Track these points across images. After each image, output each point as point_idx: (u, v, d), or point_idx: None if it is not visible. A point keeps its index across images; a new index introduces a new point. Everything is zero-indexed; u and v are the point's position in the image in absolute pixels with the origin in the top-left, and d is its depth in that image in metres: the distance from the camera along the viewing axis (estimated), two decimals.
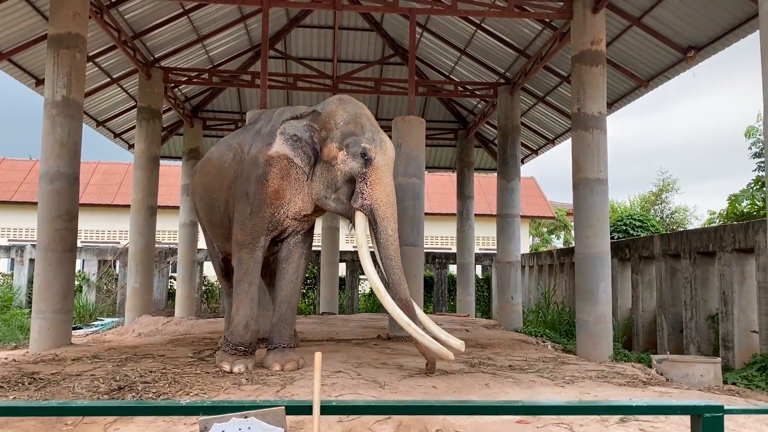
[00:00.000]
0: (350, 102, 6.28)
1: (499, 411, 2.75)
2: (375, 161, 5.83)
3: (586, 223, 8.97)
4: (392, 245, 5.83)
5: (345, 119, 6.05)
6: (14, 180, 24.39)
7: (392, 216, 5.85)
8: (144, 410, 2.80)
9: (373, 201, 5.80)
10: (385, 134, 6.14)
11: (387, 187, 5.88)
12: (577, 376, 6.29)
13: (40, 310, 8.28)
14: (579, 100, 9.18)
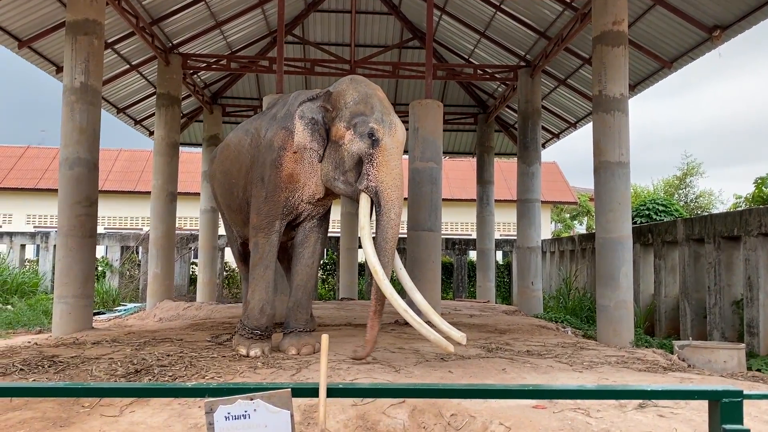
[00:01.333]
0: (362, 82, 6.15)
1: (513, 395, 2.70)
2: (382, 142, 5.68)
3: (607, 208, 8.82)
4: (392, 229, 5.66)
5: (355, 99, 5.92)
6: (39, 168, 24.75)
7: (397, 200, 5.69)
8: (151, 392, 2.80)
9: (378, 183, 5.65)
10: (397, 117, 5.98)
11: (394, 170, 5.72)
12: (595, 362, 6.20)
13: (62, 295, 8.38)
14: (600, 81, 8.99)
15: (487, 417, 4.31)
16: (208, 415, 2.36)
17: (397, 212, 5.70)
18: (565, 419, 4.24)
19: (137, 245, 18.36)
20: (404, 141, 5.95)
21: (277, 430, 2.38)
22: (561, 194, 26.15)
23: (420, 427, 4.35)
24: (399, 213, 5.72)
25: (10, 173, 24.28)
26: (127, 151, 26.67)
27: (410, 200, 9.51)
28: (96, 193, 8.73)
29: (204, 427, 4.06)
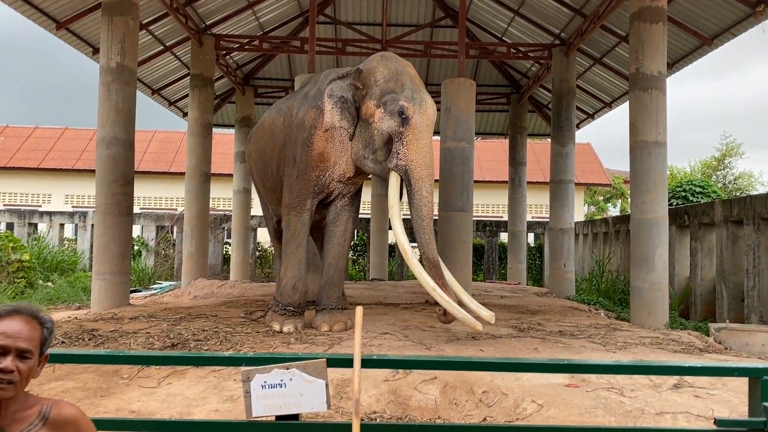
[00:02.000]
0: (392, 59, 6.07)
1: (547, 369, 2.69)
2: (412, 120, 5.62)
3: (643, 188, 8.66)
4: (426, 206, 5.63)
5: (385, 76, 5.86)
6: (77, 148, 25.25)
7: (428, 178, 5.64)
8: (189, 360, 2.86)
9: (408, 161, 5.61)
10: (428, 94, 5.90)
11: (424, 148, 5.66)
12: (629, 343, 6.14)
13: (100, 271, 8.59)
14: (638, 59, 8.79)
15: (519, 394, 4.31)
16: (245, 384, 2.41)
17: (429, 190, 5.65)
18: (598, 398, 4.21)
19: (172, 225, 18.67)
20: (435, 119, 5.89)
21: (312, 399, 2.42)
22: (595, 176, 25.75)
23: (451, 404, 4.37)
24: (431, 191, 5.68)
25: (48, 154, 24.84)
26: (162, 132, 27.02)
27: (441, 180, 9.47)
28: (132, 172, 8.89)
29: (239, 399, 4.15)
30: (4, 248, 12.80)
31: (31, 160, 24.38)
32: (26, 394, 1.81)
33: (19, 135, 26.04)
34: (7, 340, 1.73)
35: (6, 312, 1.78)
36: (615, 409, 4.02)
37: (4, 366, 1.70)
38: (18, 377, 1.72)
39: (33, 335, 1.78)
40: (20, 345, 1.74)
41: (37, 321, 1.81)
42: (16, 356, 1.73)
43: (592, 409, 4.03)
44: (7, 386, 1.71)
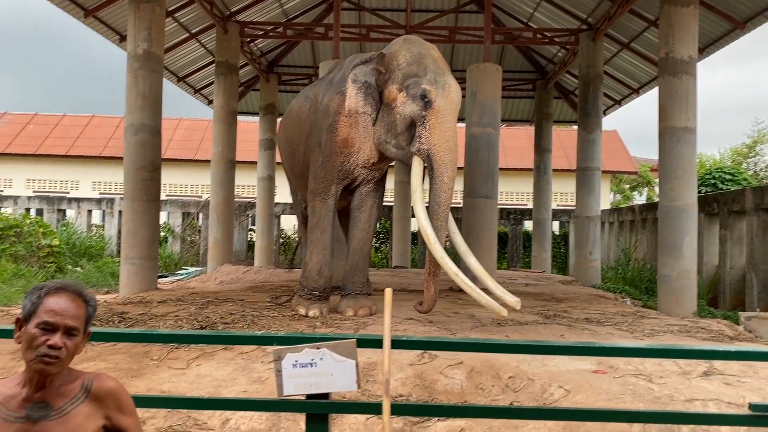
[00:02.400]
0: (415, 42, 5.99)
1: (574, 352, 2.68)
2: (435, 104, 5.54)
3: (671, 175, 8.53)
4: (445, 193, 5.55)
5: (408, 60, 5.78)
6: (104, 136, 25.57)
7: (450, 163, 5.55)
8: (221, 339, 2.89)
9: (431, 146, 5.53)
10: (453, 77, 5.80)
11: (447, 132, 5.57)
12: (657, 330, 6.08)
13: (128, 256, 8.72)
14: (668, 43, 8.63)
15: (545, 380, 4.29)
16: (277, 362, 2.43)
17: (450, 176, 5.57)
18: (626, 384, 4.18)
19: (198, 212, 18.86)
20: (459, 102, 5.79)
21: (342, 378, 2.43)
22: (621, 163, 25.41)
23: (477, 388, 4.37)
24: (452, 177, 5.60)
25: (76, 141, 25.20)
26: (187, 120, 27.23)
27: (466, 167, 9.42)
28: (159, 159, 8.98)
29: (267, 381, 4.20)
30: (35, 234, 13.05)
31: (59, 148, 24.76)
32: (69, 369, 1.85)
33: (48, 123, 26.44)
34: (56, 318, 1.76)
35: (53, 289, 1.81)
36: (643, 396, 3.98)
37: (53, 342, 1.74)
38: (65, 354, 1.76)
39: (79, 313, 1.81)
40: (68, 323, 1.77)
41: (82, 299, 1.84)
42: (64, 333, 1.76)
43: (620, 395, 4.00)
44: (55, 362, 1.74)
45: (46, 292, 1.80)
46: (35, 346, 1.74)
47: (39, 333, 1.75)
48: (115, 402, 1.87)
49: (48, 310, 1.77)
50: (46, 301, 1.78)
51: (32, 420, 1.75)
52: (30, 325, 1.76)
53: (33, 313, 1.77)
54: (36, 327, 1.75)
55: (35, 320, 1.76)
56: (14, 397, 1.77)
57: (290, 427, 3.64)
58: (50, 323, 1.75)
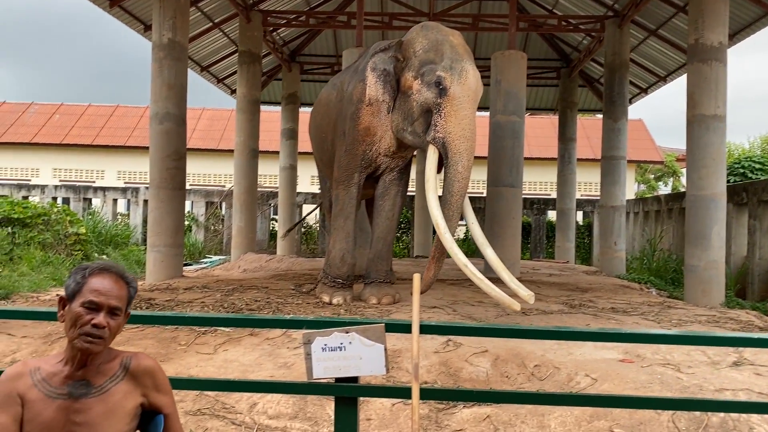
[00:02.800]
0: (433, 28, 5.90)
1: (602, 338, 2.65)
2: (450, 91, 5.44)
3: (699, 163, 8.39)
4: (459, 182, 5.45)
5: (424, 47, 5.71)
6: (128, 125, 25.85)
7: (466, 152, 5.42)
8: (252, 323, 2.91)
9: (446, 134, 5.43)
10: (471, 63, 5.64)
11: (463, 120, 5.45)
12: (684, 320, 6.01)
13: (154, 244, 8.82)
14: (697, 29, 8.45)
15: (572, 369, 4.27)
16: (306, 346, 2.44)
17: (465, 165, 5.45)
18: (653, 373, 4.14)
19: (221, 201, 19.01)
20: (478, 88, 5.65)
21: (371, 362, 2.44)
22: (646, 153, 25.06)
23: (503, 376, 4.36)
24: (467, 166, 5.48)
25: (101, 131, 25.51)
26: (210, 110, 27.41)
27: (490, 155, 9.35)
28: (184, 147, 9.05)
29: (293, 366, 4.23)
30: (63, 222, 13.24)
31: (84, 137, 25.09)
32: (108, 348, 1.88)
33: (73, 113, 26.78)
34: (101, 297, 1.79)
35: (97, 269, 1.84)
36: (672, 385, 3.94)
37: (97, 321, 1.77)
38: (108, 333, 1.79)
39: (122, 293, 1.84)
40: (112, 302, 1.81)
41: (124, 280, 1.87)
42: (108, 313, 1.80)
43: (647, 384, 3.96)
44: (98, 341, 1.78)
45: (90, 272, 1.83)
46: (80, 324, 1.78)
47: (84, 312, 1.78)
48: (152, 380, 1.90)
49: (92, 289, 1.80)
50: (90, 281, 1.82)
51: (74, 397, 1.78)
52: (74, 304, 1.80)
53: (77, 293, 1.81)
54: (81, 306, 1.79)
55: (80, 299, 1.80)
56: (56, 374, 1.81)
57: (316, 412, 3.67)
58: (95, 302, 1.79)
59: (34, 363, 1.85)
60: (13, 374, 1.80)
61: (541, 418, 3.61)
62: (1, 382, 1.79)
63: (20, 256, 11.45)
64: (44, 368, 1.82)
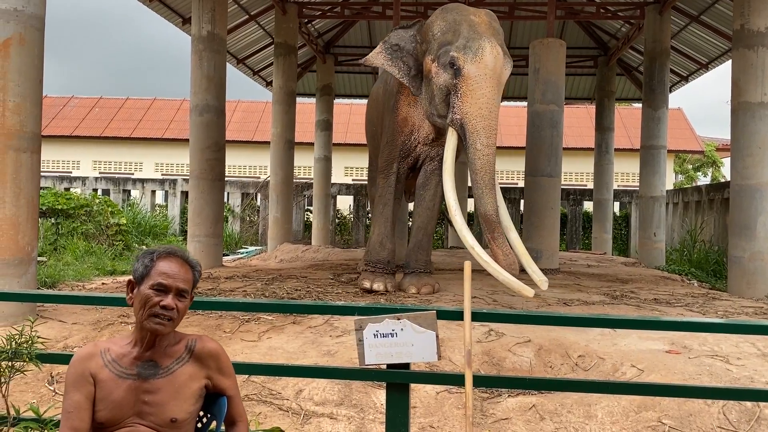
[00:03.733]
0: (453, 9, 5.79)
1: (655, 326, 2.62)
2: (464, 70, 5.34)
3: (745, 152, 8.17)
4: (480, 159, 5.31)
5: (442, 29, 5.66)
6: (165, 118, 26.26)
7: (483, 130, 5.29)
8: (304, 308, 2.95)
9: (463, 115, 5.35)
10: (491, 40, 5.45)
11: (480, 99, 5.31)
12: (731, 312, 5.89)
13: (194, 234, 8.96)
14: (743, 14, 8.22)
15: (617, 359, 4.23)
16: (358, 332, 2.46)
17: (484, 143, 5.31)
18: (702, 365, 4.08)
19: (256, 192, 19.22)
20: (496, 65, 5.43)
21: (422, 349, 2.45)
22: (686, 142, 24.53)
23: (546, 366, 4.34)
24: (487, 143, 5.32)
25: (139, 124, 25.97)
26: (245, 102, 27.65)
27: (529, 145, 9.27)
28: (223, 139, 9.17)
29: (336, 354, 4.27)
30: (104, 213, 13.54)
31: (123, 130, 25.58)
32: (174, 331, 1.93)
33: (112, 106, 27.30)
34: (169, 280, 1.85)
35: (164, 253, 1.90)
36: (721, 377, 3.88)
37: (166, 303, 1.83)
38: (176, 314, 1.84)
39: (188, 276, 1.90)
40: (179, 285, 1.86)
41: (189, 264, 1.92)
42: (176, 295, 1.85)
43: (696, 375, 3.90)
44: (167, 322, 1.83)
45: (158, 256, 1.89)
46: (149, 306, 1.83)
47: (153, 294, 1.84)
48: (216, 363, 1.94)
49: (161, 272, 1.86)
50: (158, 265, 1.87)
51: (143, 377, 1.84)
52: (143, 286, 1.86)
53: (146, 276, 1.87)
54: (150, 288, 1.85)
55: (149, 282, 1.85)
56: (126, 355, 1.87)
57: (362, 399, 3.70)
58: (163, 285, 1.84)
59: (104, 344, 1.91)
60: (85, 355, 1.87)
61: (588, 408, 3.58)
62: (74, 363, 1.86)
63: (64, 246, 11.75)
64: (114, 349, 1.88)
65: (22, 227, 4.94)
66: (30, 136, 4.98)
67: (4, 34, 4.82)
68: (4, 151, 4.82)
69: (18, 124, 4.87)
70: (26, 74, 4.93)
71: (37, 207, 5.16)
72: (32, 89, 5.00)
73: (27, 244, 5.00)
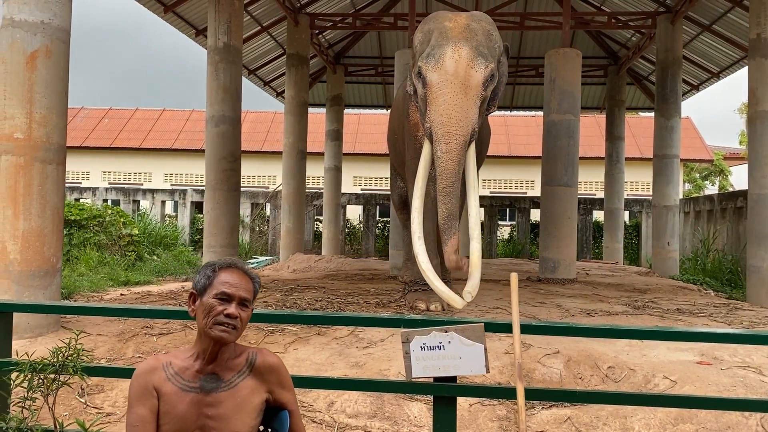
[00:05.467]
0: (431, 20, 5.68)
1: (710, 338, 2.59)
2: (428, 79, 5.21)
3: (763, 161, 8.14)
4: (439, 167, 5.06)
5: (420, 40, 5.59)
6: (174, 129, 26.35)
7: (443, 136, 5.04)
8: (349, 320, 2.93)
9: (431, 124, 5.16)
10: (457, 43, 5.22)
11: (441, 106, 5.10)
12: (756, 322, 5.85)
13: (210, 244, 8.95)
14: (759, 23, 8.22)
15: (648, 370, 4.19)
16: (405, 345, 2.44)
17: (443, 149, 5.04)
18: (735, 376, 4.04)
19: (266, 201, 19.23)
20: (459, 68, 5.15)
21: (471, 362, 2.43)
22: (695, 151, 24.47)
23: (576, 378, 4.30)
24: (446, 150, 5.04)
25: (149, 135, 26.06)
26: (253, 112, 27.74)
27: (545, 154, 9.26)
28: (239, 149, 9.18)
29: (365, 366, 4.24)
30: (116, 223, 13.56)
31: (132, 141, 25.67)
32: (235, 344, 1.92)
33: (122, 117, 27.43)
34: (232, 289, 1.86)
35: (225, 265, 1.91)
36: (756, 388, 3.84)
37: (230, 311, 1.83)
38: (240, 323, 1.84)
39: (249, 287, 1.90)
40: (242, 294, 1.87)
41: (249, 276, 1.92)
42: (239, 304, 1.85)
43: (731, 387, 3.87)
44: (231, 331, 1.83)
45: (220, 267, 1.91)
46: (213, 314, 1.84)
47: (217, 303, 1.85)
48: (277, 377, 1.93)
49: (223, 282, 1.87)
50: (220, 275, 1.88)
51: (205, 391, 1.83)
52: (206, 297, 1.86)
53: (208, 286, 1.88)
54: (213, 297, 1.85)
55: (212, 292, 1.86)
56: (188, 368, 1.86)
57: (395, 411, 3.68)
58: (227, 293, 1.85)
59: (165, 358, 1.90)
60: (148, 368, 1.86)
61: (624, 420, 3.55)
62: (137, 377, 1.85)
63: (77, 256, 11.77)
64: (175, 363, 1.87)
65: (48, 239, 4.94)
66: (56, 148, 5.00)
67: (32, 47, 4.85)
68: (30, 163, 4.83)
69: (44, 135, 4.89)
70: (52, 86, 4.96)
71: (62, 219, 5.17)
72: (58, 101, 5.02)
73: (52, 256, 5.01)
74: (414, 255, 5.23)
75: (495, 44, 5.53)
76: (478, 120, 5.29)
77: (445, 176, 5.05)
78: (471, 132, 5.17)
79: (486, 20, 5.69)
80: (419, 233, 5.13)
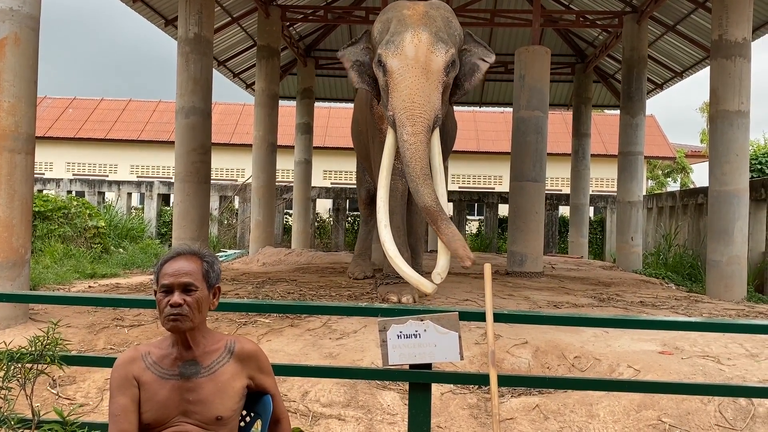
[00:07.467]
0: (391, 8, 5.67)
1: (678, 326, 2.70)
2: (388, 66, 5.19)
3: (723, 159, 8.42)
4: (407, 150, 4.95)
5: (379, 30, 5.59)
6: (141, 120, 25.93)
7: (408, 119, 4.98)
8: (326, 309, 2.98)
9: (394, 111, 5.12)
10: (417, 29, 5.20)
11: (403, 91, 5.06)
12: (715, 314, 6.07)
13: (179, 237, 8.88)
14: (721, 25, 8.48)
15: (612, 360, 4.34)
16: (382, 333, 2.51)
17: (410, 131, 4.96)
18: (695, 365, 4.20)
19: (235, 194, 19.10)
20: (419, 54, 5.13)
21: (446, 350, 2.51)
22: (658, 149, 25.05)
23: (544, 367, 4.43)
24: (413, 132, 4.96)
25: (114, 125, 25.60)
26: (221, 104, 27.43)
27: (514, 150, 9.41)
28: (209, 141, 9.13)
29: (338, 357, 4.30)
30: (82, 215, 13.33)
31: (98, 131, 25.19)
32: (212, 332, 1.97)
33: (86, 107, 26.87)
34: (171, 279, 1.91)
35: (169, 257, 1.98)
36: (715, 376, 4.01)
37: (172, 301, 1.88)
38: (187, 309, 1.87)
39: (192, 268, 1.93)
40: (182, 280, 1.91)
41: (197, 256, 1.96)
42: (182, 291, 1.89)
43: (691, 375, 4.03)
44: (181, 317, 1.87)
45: (164, 261, 1.98)
46: (161, 309, 1.91)
47: (162, 297, 1.91)
48: (256, 363, 1.98)
49: (164, 274, 1.94)
50: (163, 268, 1.95)
51: (185, 377, 1.87)
52: (158, 293, 1.93)
53: (157, 282, 1.95)
54: (160, 292, 1.93)
55: (158, 287, 1.94)
56: (166, 356, 1.90)
57: (368, 400, 3.74)
58: (166, 285, 1.91)
59: (144, 348, 1.94)
60: (127, 359, 1.90)
61: (590, 407, 3.68)
62: (117, 368, 1.88)
63: (41, 249, 11.55)
64: (154, 352, 1.91)
65: (16, 229, 4.88)
66: (25, 138, 4.93)
67: (0, 34, 4.76)
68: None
69: (13, 124, 4.82)
70: (21, 74, 4.89)
71: (30, 209, 5.10)
72: (27, 90, 4.95)
73: (21, 246, 4.95)
74: (378, 246, 5.23)
75: (455, 31, 5.57)
76: (441, 107, 5.24)
77: (417, 157, 4.92)
78: (434, 117, 5.13)
79: (444, 8, 5.72)
80: (385, 221, 5.09)
